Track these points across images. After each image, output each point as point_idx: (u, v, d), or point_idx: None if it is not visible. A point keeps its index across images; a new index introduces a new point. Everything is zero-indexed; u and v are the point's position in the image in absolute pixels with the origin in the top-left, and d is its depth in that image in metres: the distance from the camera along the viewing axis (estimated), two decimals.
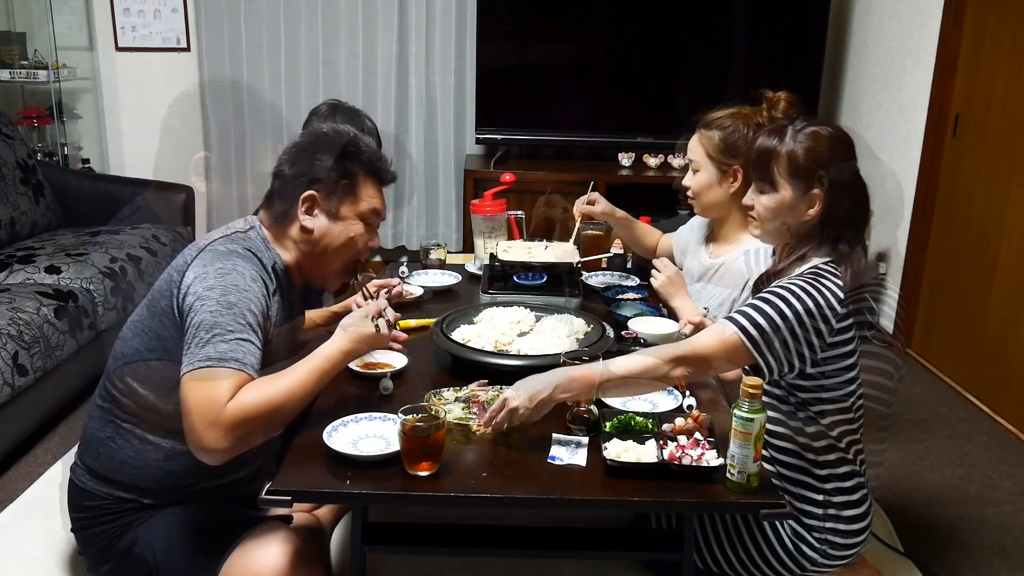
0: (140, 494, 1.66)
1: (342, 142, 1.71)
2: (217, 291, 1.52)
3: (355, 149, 1.72)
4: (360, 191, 1.72)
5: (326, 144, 1.71)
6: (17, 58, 4.19)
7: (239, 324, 1.50)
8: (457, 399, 1.68)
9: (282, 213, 1.70)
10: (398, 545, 1.74)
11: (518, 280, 2.32)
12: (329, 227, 1.70)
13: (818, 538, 1.71)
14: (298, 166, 1.70)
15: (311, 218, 1.69)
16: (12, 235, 3.30)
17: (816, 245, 1.67)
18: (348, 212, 1.71)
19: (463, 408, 1.63)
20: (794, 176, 1.66)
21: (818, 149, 1.64)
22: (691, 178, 2.17)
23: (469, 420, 1.60)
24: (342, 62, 4.49)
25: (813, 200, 1.65)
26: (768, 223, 1.72)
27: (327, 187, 1.69)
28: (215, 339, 1.47)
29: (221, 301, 1.50)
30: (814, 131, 1.66)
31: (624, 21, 4.39)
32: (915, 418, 3.08)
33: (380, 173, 1.77)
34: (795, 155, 1.65)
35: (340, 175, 1.69)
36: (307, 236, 1.70)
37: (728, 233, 2.19)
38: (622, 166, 4.41)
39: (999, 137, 3.17)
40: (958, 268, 3.41)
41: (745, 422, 1.39)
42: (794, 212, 1.67)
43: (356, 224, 1.72)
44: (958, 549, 2.30)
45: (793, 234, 1.69)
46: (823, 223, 1.65)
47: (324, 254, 1.72)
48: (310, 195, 1.67)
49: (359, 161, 1.72)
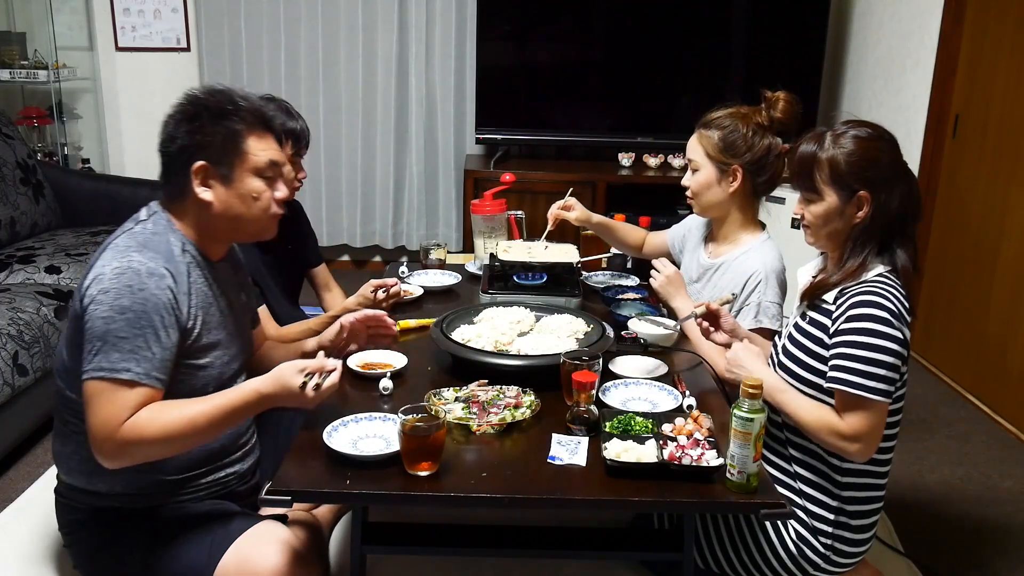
0: (119, 501, 1.64)
1: (216, 101, 1.59)
2: (111, 294, 1.47)
3: (232, 105, 1.59)
4: (249, 147, 1.60)
5: (200, 108, 1.58)
6: (17, 58, 4.19)
7: (133, 331, 1.45)
8: (457, 399, 1.67)
9: (178, 191, 1.61)
10: (398, 545, 1.74)
11: (518, 280, 2.32)
12: (228, 193, 1.60)
13: (824, 543, 1.71)
14: (179, 139, 1.58)
15: (207, 189, 1.59)
16: (12, 235, 3.30)
17: (874, 249, 1.64)
18: (243, 172, 1.60)
19: (463, 408, 1.63)
20: (838, 182, 1.64)
21: (858, 151, 1.63)
22: (690, 178, 2.17)
23: (469, 420, 1.60)
24: (342, 62, 4.49)
25: (861, 202, 1.63)
26: (820, 231, 1.70)
27: (214, 153, 1.58)
28: (107, 348, 1.44)
29: (114, 306, 1.46)
30: (853, 134, 1.65)
31: (624, 21, 4.39)
32: (915, 418, 3.08)
33: (267, 122, 1.65)
34: (836, 161, 1.64)
35: (224, 136, 1.58)
36: (209, 209, 1.60)
37: (727, 233, 2.19)
38: (622, 166, 4.41)
39: (999, 137, 3.17)
40: (958, 268, 3.41)
41: (745, 422, 1.39)
42: (844, 217, 1.66)
43: (256, 182, 1.61)
44: (958, 549, 2.30)
45: (848, 238, 1.67)
46: (875, 223, 1.63)
47: (236, 220, 1.63)
48: (199, 166, 1.57)
49: (239, 117, 1.59)
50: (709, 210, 2.19)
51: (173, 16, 4.47)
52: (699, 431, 1.54)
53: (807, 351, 1.68)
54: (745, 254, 2.11)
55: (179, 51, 4.52)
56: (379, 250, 4.86)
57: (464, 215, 4.43)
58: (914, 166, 3.59)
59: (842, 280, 1.65)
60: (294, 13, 4.42)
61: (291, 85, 4.49)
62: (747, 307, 2.05)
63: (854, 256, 1.65)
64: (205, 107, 1.58)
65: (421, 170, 4.64)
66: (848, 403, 1.58)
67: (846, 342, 1.58)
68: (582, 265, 2.45)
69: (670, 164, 4.42)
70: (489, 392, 1.69)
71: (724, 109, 2.13)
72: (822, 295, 1.68)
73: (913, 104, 3.64)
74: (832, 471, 1.69)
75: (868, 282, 1.62)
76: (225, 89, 1.62)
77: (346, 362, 1.86)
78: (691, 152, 2.16)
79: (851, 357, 1.57)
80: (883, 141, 1.66)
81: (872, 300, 1.57)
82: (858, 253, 1.65)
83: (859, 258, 1.65)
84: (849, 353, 1.57)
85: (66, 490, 1.69)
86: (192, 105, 1.59)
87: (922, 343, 3.66)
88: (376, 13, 4.42)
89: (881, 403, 1.56)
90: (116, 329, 1.44)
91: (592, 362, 1.62)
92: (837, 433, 1.59)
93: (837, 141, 1.65)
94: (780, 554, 1.73)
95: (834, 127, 1.69)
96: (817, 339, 1.66)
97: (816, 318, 1.68)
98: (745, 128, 2.07)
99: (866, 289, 1.60)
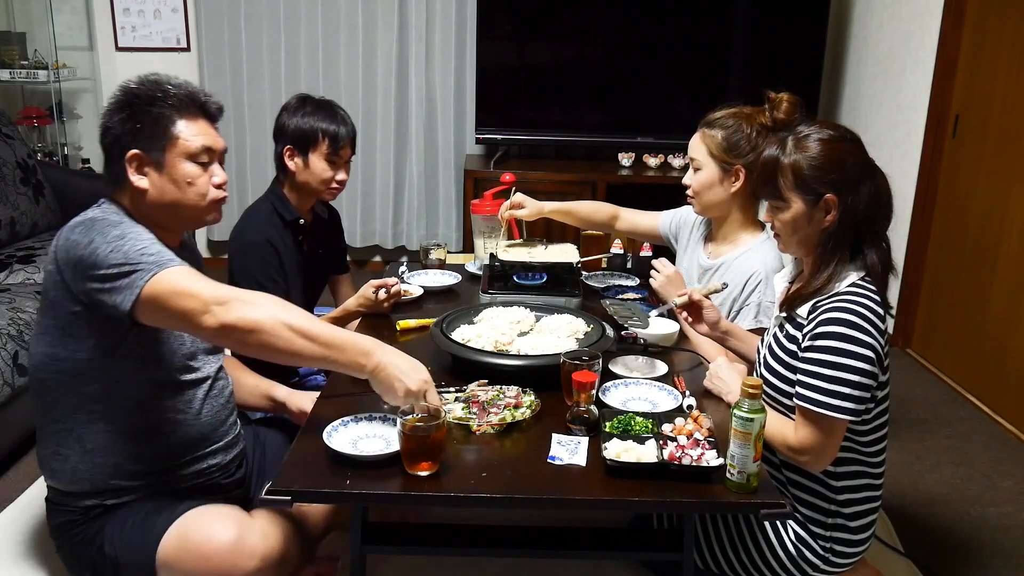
0: (101, 497, 1.66)
1: (146, 90, 1.62)
2: (98, 237, 1.50)
3: (162, 92, 1.62)
4: (179, 131, 1.62)
5: (131, 97, 1.61)
6: (17, 58, 4.19)
7: (145, 249, 1.50)
8: (457, 399, 1.68)
9: (117, 181, 1.63)
10: (398, 545, 1.74)
11: (518, 280, 2.32)
12: (162, 179, 1.62)
13: (823, 545, 1.71)
14: (112, 129, 1.61)
15: (143, 177, 1.61)
16: (12, 235, 3.30)
17: (846, 253, 1.63)
18: (175, 157, 1.61)
19: (463, 408, 1.63)
20: (802, 187, 1.62)
21: (821, 155, 1.61)
22: (692, 177, 2.17)
23: (469, 420, 1.60)
24: (342, 62, 4.49)
25: (828, 206, 1.61)
26: (791, 238, 1.69)
27: (145, 140, 1.60)
28: (141, 255, 1.49)
29: (110, 241, 1.50)
30: (815, 137, 1.63)
31: (624, 21, 4.39)
32: (915, 418, 3.08)
33: (201, 106, 1.67)
34: (799, 166, 1.62)
35: (153, 122, 1.60)
36: (145, 196, 1.62)
37: (727, 233, 2.19)
38: (622, 166, 4.41)
39: (999, 137, 3.17)
40: (958, 268, 3.41)
41: (745, 422, 1.39)
42: (812, 222, 1.64)
43: (189, 166, 1.63)
44: (958, 549, 2.30)
45: (819, 243, 1.65)
46: (844, 226, 1.61)
47: (172, 206, 1.64)
48: (132, 154, 1.59)
49: (168, 103, 1.62)
50: (710, 209, 2.19)
51: (173, 16, 4.47)
52: (699, 431, 1.54)
53: (784, 364, 1.68)
54: (745, 254, 2.11)
55: (179, 51, 4.53)
56: (379, 250, 4.86)
57: (464, 215, 4.43)
58: (914, 166, 3.60)
59: (816, 291, 1.64)
60: (294, 13, 4.42)
61: (291, 85, 4.48)
62: (747, 307, 2.05)
63: (826, 261, 1.64)
64: (136, 96, 1.61)
65: (421, 170, 4.64)
66: (807, 417, 1.59)
67: (812, 359, 1.59)
68: (582, 265, 2.45)
69: (670, 164, 4.42)
70: (489, 392, 1.69)
71: (727, 109, 2.13)
72: (798, 307, 1.67)
73: (913, 104, 3.64)
74: (826, 476, 1.69)
75: (840, 295, 1.60)
76: (157, 78, 1.65)
77: None
78: (693, 151, 2.15)
79: (816, 375, 1.57)
80: (846, 142, 1.64)
81: (839, 317, 1.56)
82: (830, 258, 1.63)
83: (831, 264, 1.63)
84: (814, 371, 1.58)
85: (54, 495, 1.71)
86: (124, 95, 1.62)
87: (922, 343, 3.66)
88: (376, 13, 4.42)
89: (840, 420, 1.57)
90: (129, 249, 1.48)
91: (592, 362, 1.62)
92: (787, 445, 1.62)
93: (799, 145, 1.63)
94: (779, 554, 1.73)
95: (796, 131, 1.67)
96: (792, 353, 1.66)
97: (791, 332, 1.68)
98: (749, 128, 2.07)
99: (835, 305, 1.58)
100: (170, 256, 1.53)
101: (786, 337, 1.69)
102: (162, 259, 1.50)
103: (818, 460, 1.62)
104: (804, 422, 1.60)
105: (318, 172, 2.27)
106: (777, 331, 1.74)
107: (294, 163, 2.28)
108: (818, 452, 1.60)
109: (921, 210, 3.58)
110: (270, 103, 4.50)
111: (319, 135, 2.25)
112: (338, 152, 2.28)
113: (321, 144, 2.25)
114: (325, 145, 2.25)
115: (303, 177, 2.29)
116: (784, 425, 1.64)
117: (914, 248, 3.61)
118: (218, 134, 1.70)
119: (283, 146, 2.29)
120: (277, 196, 2.32)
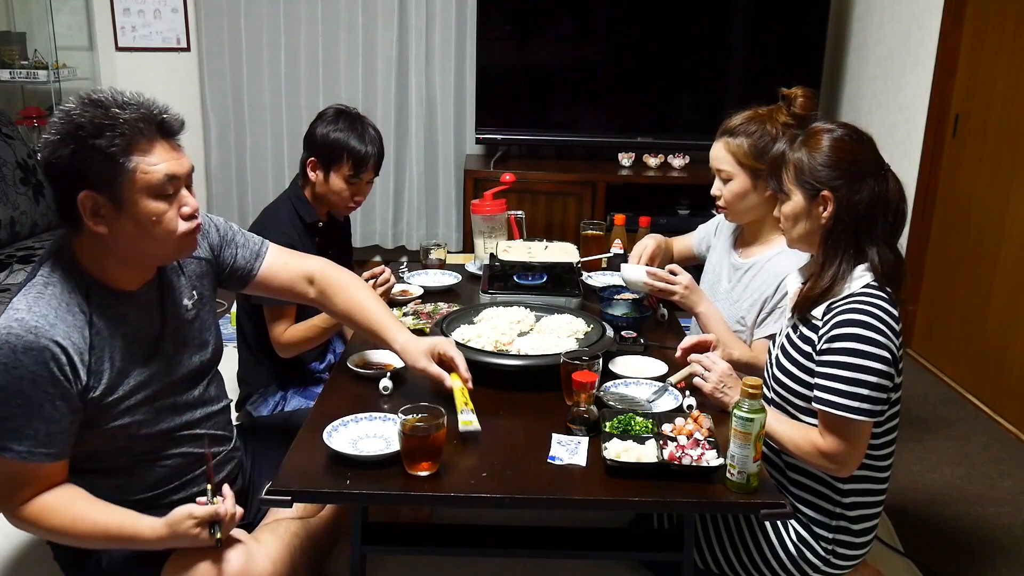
0: None
1: (90, 117, 1.36)
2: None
3: (109, 120, 1.36)
4: (135, 165, 1.37)
5: (73, 128, 1.36)
6: (17, 58, 4.19)
7: (10, 410, 1.36)
8: (405, 314, 2.16)
9: (71, 224, 1.43)
10: (398, 545, 1.74)
11: (518, 280, 2.32)
12: (123, 220, 1.40)
13: (825, 547, 1.71)
14: (58, 165, 1.37)
15: (100, 218, 1.39)
16: (12, 235, 3.30)
17: (851, 253, 1.63)
18: (135, 195, 1.39)
19: (413, 319, 2.08)
20: (801, 181, 1.65)
21: (823, 152, 1.63)
22: (721, 187, 2.10)
23: (423, 326, 2.03)
24: (342, 62, 4.49)
25: (824, 202, 1.63)
26: (792, 231, 1.71)
27: (96, 179, 1.36)
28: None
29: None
30: (823, 135, 1.65)
31: (624, 21, 4.39)
32: (915, 418, 3.08)
33: (158, 126, 1.42)
34: (800, 161, 1.65)
35: (104, 158, 1.35)
36: (105, 241, 1.42)
37: (761, 233, 2.14)
38: (622, 166, 4.41)
39: (999, 137, 3.17)
40: (958, 268, 3.41)
41: (745, 422, 1.39)
42: (811, 217, 1.66)
43: (152, 203, 1.40)
44: (958, 549, 2.30)
45: (821, 240, 1.66)
46: (841, 223, 1.62)
47: (139, 249, 1.45)
48: (83, 196, 1.37)
49: (119, 132, 1.36)
50: (744, 216, 2.14)
51: (173, 16, 4.47)
52: (699, 431, 1.54)
53: (799, 365, 1.67)
54: (778, 255, 2.05)
55: (179, 51, 4.52)
56: (379, 250, 4.86)
57: (464, 215, 4.43)
58: (914, 166, 3.59)
59: (828, 292, 1.63)
60: (294, 13, 4.42)
61: (291, 85, 4.49)
62: (779, 309, 2.00)
63: (831, 260, 1.64)
64: (79, 127, 1.35)
65: (421, 170, 4.64)
66: (829, 423, 1.59)
67: (830, 362, 1.58)
68: (582, 265, 2.45)
69: (670, 164, 4.42)
70: (427, 307, 2.26)
71: (742, 113, 2.08)
72: (811, 309, 1.67)
73: (913, 104, 3.64)
74: (833, 478, 1.69)
75: (854, 297, 1.60)
76: (102, 99, 1.39)
77: (346, 362, 1.86)
78: (719, 162, 2.09)
79: (834, 378, 1.57)
80: (852, 142, 1.65)
81: (855, 319, 1.56)
82: (834, 257, 1.64)
83: (836, 263, 1.63)
84: (832, 374, 1.57)
85: None
86: (66, 125, 1.37)
87: (922, 343, 3.66)
88: (376, 13, 4.42)
89: (864, 423, 1.57)
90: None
91: (592, 362, 1.62)
92: (819, 451, 1.61)
93: (806, 141, 1.67)
94: (780, 555, 1.73)
95: (810, 127, 1.71)
96: (807, 354, 1.66)
97: (806, 333, 1.68)
98: (773, 129, 2.03)
99: (850, 306, 1.58)
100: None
101: (800, 338, 1.69)
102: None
103: (846, 466, 1.61)
104: (831, 428, 1.59)
105: (336, 190, 2.28)
106: (791, 332, 1.73)
107: (315, 175, 2.29)
108: (849, 457, 1.59)
109: (921, 210, 3.58)
110: (270, 103, 4.50)
111: (344, 155, 2.25)
112: (359, 176, 2.29)
113: (344, 164, 2.26)
114: (348, 166, 2.26)
115: (322, 190, 2.30)
116: (808, 432, 1.63)
117: (914, 248, 3.61)
118: (181, 153, 1.47)
119: (308, 156, 2.29)
120: (298, 198, 2.32)
